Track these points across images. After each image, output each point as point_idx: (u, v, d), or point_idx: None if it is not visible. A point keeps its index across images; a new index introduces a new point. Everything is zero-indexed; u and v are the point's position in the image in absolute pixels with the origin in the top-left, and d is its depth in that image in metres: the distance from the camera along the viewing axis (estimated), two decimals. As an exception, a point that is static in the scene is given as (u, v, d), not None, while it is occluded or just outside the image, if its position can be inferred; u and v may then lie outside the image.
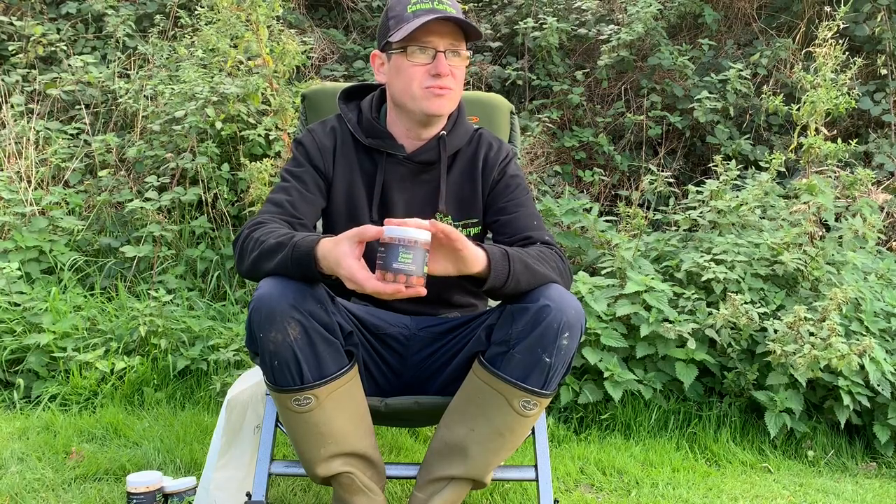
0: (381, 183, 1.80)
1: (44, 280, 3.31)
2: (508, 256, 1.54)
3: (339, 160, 1.81)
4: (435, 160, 1.82)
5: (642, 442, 2.73)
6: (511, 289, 1.55)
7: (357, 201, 1.80)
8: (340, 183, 1.81)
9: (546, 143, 4.49)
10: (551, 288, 1.58)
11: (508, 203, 1.81)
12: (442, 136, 1.81)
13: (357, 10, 5.43)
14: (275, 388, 1.59)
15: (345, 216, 1.80)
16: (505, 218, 1.79)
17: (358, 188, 1.80)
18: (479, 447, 1.64)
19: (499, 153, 1.85)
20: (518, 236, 1.75)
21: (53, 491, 2.14)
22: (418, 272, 1.40)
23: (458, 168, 1.84)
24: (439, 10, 1.69)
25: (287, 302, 1.51)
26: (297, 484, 2.23)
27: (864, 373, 2.71)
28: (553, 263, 1.65)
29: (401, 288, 1.39)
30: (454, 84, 1.74)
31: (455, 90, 1.75)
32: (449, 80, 1.72)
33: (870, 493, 2.46)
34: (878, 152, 4.28)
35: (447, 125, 1.83)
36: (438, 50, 1.70)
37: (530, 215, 1.80)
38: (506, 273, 1.52)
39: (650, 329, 2.79)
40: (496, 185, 1.83)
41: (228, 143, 3.75)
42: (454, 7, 1.73)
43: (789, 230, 3.10)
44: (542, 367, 1.56)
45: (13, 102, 4.09)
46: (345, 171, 1.81)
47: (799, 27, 4.82)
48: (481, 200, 1.83)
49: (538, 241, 1.73)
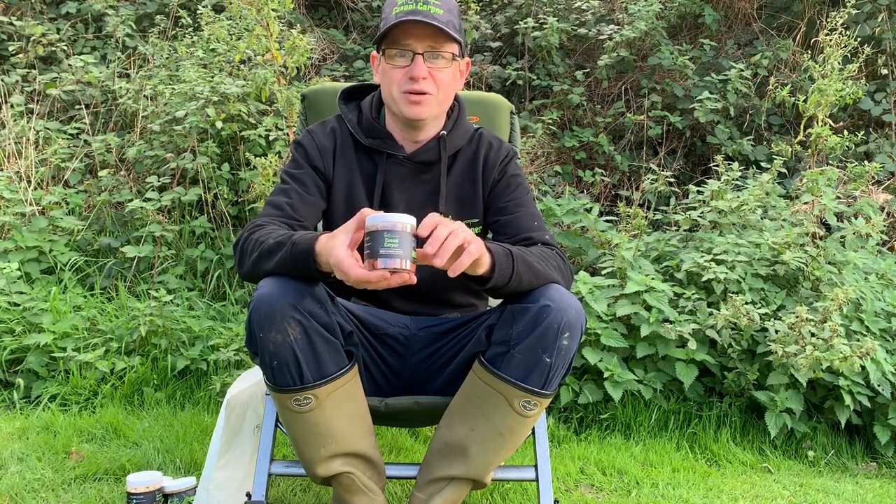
0: (381, 183, 1.79)
1: (44, 280, 3.31)
2: (512, 256, 1.54)
3: (339, 161, 1.81)
4: (435, 160, 1.81)
5: (642, 442, 2.72)
6: (513, 288, 1.55)
7: (357, 202, 1.80)
8: (340, 183, 1.80)
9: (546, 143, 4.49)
10: (552, 288, 1.58)
11: (509, 203, 1.80)
12: (442, 135, 1.81)
13: (357, 10, 5.43)
14: (275, 388, 1.59)
15: (344, 217, 1.78)
16: (506, 218, 1.79)
17: (358, 188, 1.80)
18: (479, 447, 1.64)
19: (499, 153, 1.85)
20: (519, 236, 1.75)
21: (53, 491, 2.14)
22: (406, 256, 1.36)
23: (458, 168, 1.84)
24: (421, 12, 1.66)
25: (287, 302, 1.51)
26: (297, 484, 2.23)
27: (864, 373, 2.71)
28: (554, 263, 1.65)
29: (385, 274, 1.35)
30: (433, 88, 1.71)
31: (435, 94, 1.72)
32: (426, 83, 1.70)
33: (870, 494, 2.46)
34: (878, 152, 4.28)
35: (447, 125, 1.83)
36: (416, 52, 1.69)
37: (531, 215, 1.79)
38: (509, 272, 1.52)
39: (650, 329, 2.79)
40: (497, 184, 1.83)
41: (228, 143, 3.75)
42: (444, 6, 1.70)
43: (790, 230, 3.10)
44: (542, 367, 1.56)
45: (13, 102, 4.09)
46: (344, 172, 1.81)
47: (799, 27, 4.81)
48: (482, 200, 1.83)
49: (539, 242, 1.73)
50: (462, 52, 1.77)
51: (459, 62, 1.77)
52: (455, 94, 1.85)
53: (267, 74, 3.63)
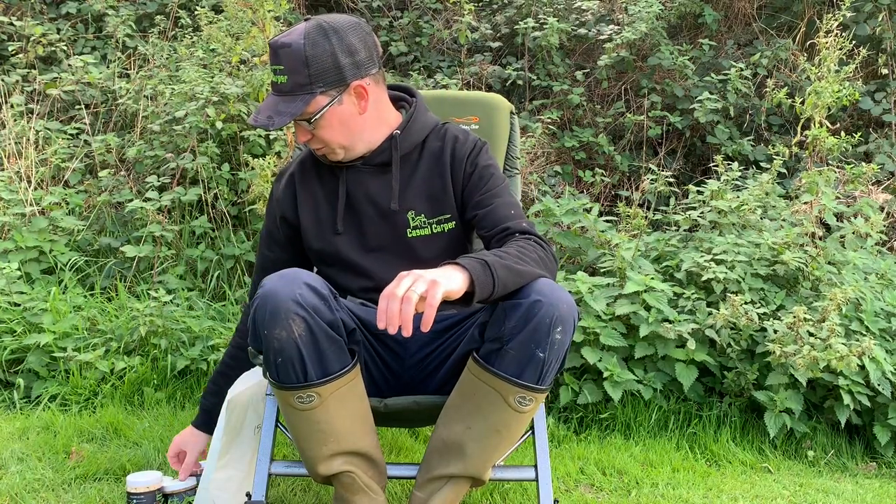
0: (344, 194, 1.83)
1: (44, 280, 3.31)
2: (489, 266, 1.50)
3: (301, 191, 1.88)
4: (390, 160, 1.83)
5: (642, 442, 2.73)
6: (499, 294, 1.53)
7: (323, 218, 1.85)
8: (305, 209, 1.86)
9: (546, 144, 4.48)
10: (541, 282, 1.56)
11: (484, 196, 1.79)
12: (394, 135, 1.82)
13: (357, 11, 5.43)
14: (278, 385, 1.59)
15: (313, 235, 1.86)
16: (482, 212, 1.78)
17: (323, 206, 1.85)
18: (476, 444, 1.64)
19: (465, 145, 1.84)
20: (496, 229, 1.74)
21: (53, 491, 2.14)
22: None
23: (425, 164, 1.84)
24: (275, 84, 1.74)
25: (291, 299, 1.52)
26: (297, 484, 2.23)
27: (864, 372, 2.71)
28: (534, 255, 1.62)
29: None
30: (320, 143, 1.78)
31: (330, 141, 1.77)
32: (314, 142, 1.79)
33: (870, 493, 2.46)
34: (878, 152, 4.28)
35: (400, 124, 1.84)
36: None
37: (506, 205, 1.78)
38: (490, 284, 1.49)
39: (650, 329, 2.79)
40: (470, 178, 1.81)
41: (229, 143, 3.75)
42: (287, 68, 1.70)
43: (790, 230, 3.10)
44: (536, 362, 1.55)
45: (13, 102, 4.08)
46: (308, 197, 1.87)
47: (799, 27, 4.82)
48: (453, 196, 1.82)
49: (516, 232, 1.71)
50: (336, 87, 1.73)
51: (340, 98, 1.74)
52: (408, 89, 1.91)
53: (264, 76, 3.63)
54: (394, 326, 1.40)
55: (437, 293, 1.40)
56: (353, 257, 1.82)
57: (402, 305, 1.40)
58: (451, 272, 1.46)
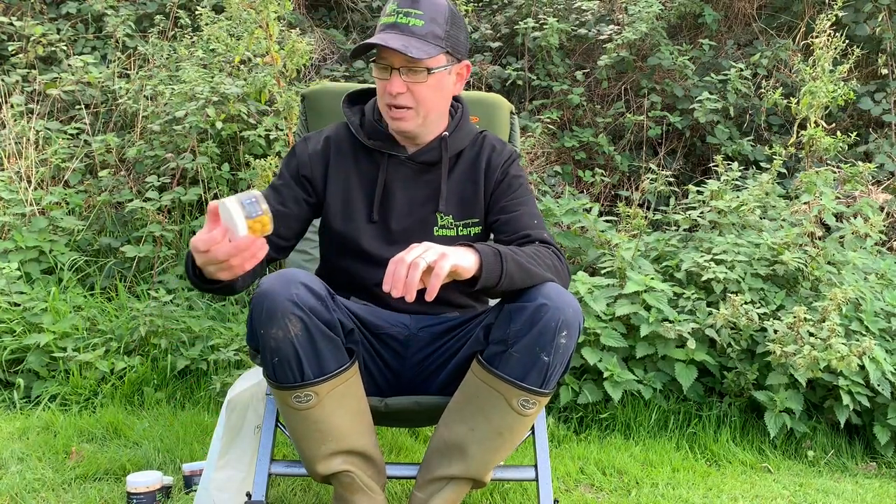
0: (382, 184, 1.81)
1: (44, 280, 3.31)
2: (501, 255, 1.53)
3: (334, 166, 1.83)
4: (436, 161, 1.82)
5: (642, 442, 2.73)
6: (505, 287, 1.54)
7: (354, 203, 1.81)
8: (335, 187, 1.82)
9: (546, 143, 4.49)
10: (548, 286, 1.57)
11: (510, 202, 1.81)
12: (444, 136, 1.82)
13: (357, 10, 5.43)
14: (275, 384, 1.59)
15: (340, 217, 1.82)
16: (505, 217, 1.80)
17: (356, 190, 1.82)
18: (478, 446, 1.64)
19: (502, 155, 1.86)
20: (517, 234, 1.75)
21: (53, 491, 2.14)
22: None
23: (460, 169, 1.85)
24: (399, 25, 1.69)
25: (288, 298, 1.52)
26: (297, 484, 2.23)
27: (864, 372, 2.72)
28: (549, 261, 1.64)
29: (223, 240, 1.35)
30: (412, 101, 1.73)
31: (416, 108, 1.74)
32: (404, 98, 1.72)
33: (870, 493, 2.46)
34: (878, 152, 4.28)
35: (450, 126, 1.84)
36: (393, 67, 1.70)
37: (530, 214, 1.80)
38: (498, 272, 1.51)
39: (650, 329, 2.79)
40: (499, 185, 1.83)
41: (229, 143, 3.75)
42: (427, 15, 1.70)
43: (790, 230, 3.10)
44: (540, 365, 1.56)
45: (13, 102, 4.08)
46: (340, 176, 1.82)
47: (799, 27, 4.82)
48: (483, 201, 1.84)
49: (536, 240, 1.73)
50: (456, 56, 1.76)
51: (452, 68, 1.76)
52: (456, 96, 1.86)
53: (266, 77, 3.63)
54: (398, 290, 1.40)
55: (445, 264, 1.42)
56: (374, 248, 1.81)
57: (409, 271, 1.40)
58: (462, 251, 1.49)
